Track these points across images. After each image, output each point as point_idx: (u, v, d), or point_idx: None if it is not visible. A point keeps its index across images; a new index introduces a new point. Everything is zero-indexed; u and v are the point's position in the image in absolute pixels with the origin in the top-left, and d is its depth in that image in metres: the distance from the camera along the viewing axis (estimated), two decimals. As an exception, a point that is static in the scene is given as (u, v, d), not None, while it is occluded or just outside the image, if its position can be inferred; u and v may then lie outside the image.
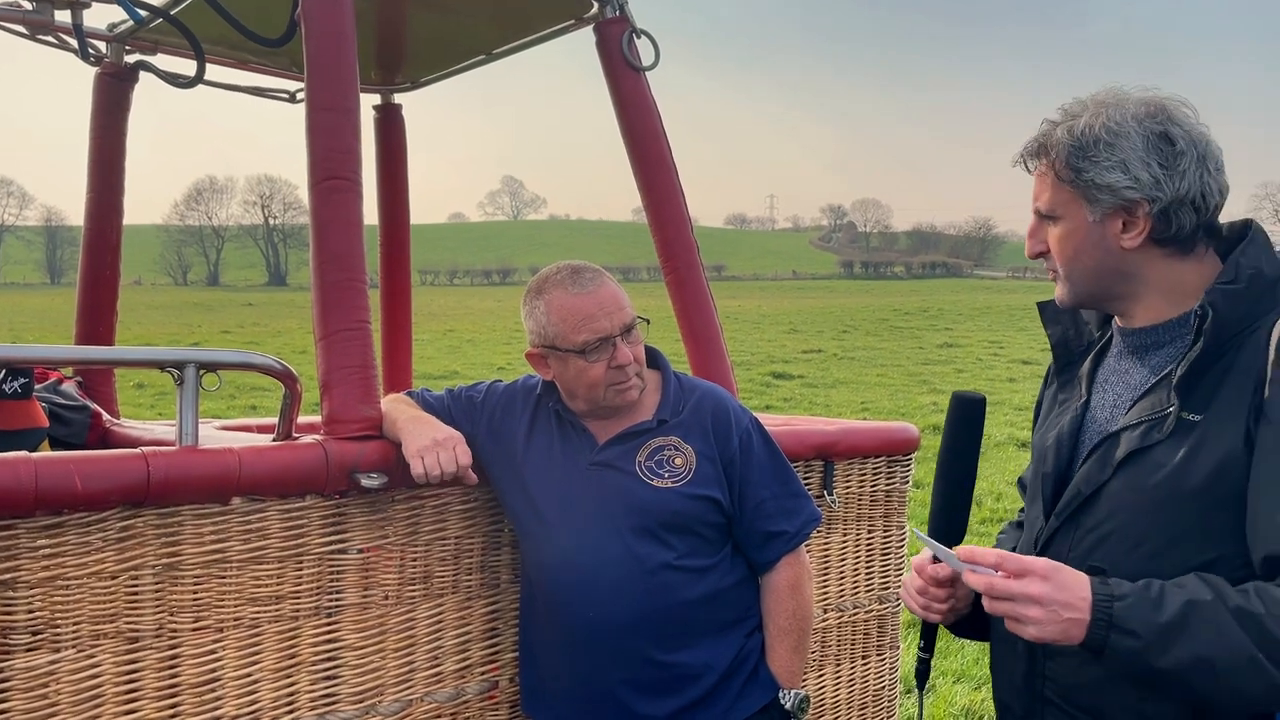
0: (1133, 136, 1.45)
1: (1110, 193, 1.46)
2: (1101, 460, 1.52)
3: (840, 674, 2.79)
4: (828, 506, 2.69)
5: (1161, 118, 1.47)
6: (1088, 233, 1.51)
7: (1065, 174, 1.49)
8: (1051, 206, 1.53)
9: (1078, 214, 1.51)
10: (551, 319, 1.99)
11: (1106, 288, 1.55)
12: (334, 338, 1.98)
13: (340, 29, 2.07)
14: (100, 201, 3.05)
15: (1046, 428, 1.69)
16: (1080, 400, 1.63)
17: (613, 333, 1.96)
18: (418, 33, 3.00)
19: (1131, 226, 1.48)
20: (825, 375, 17.72)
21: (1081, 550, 1.52)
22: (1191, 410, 1.43)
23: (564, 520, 2.01)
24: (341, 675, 1.97)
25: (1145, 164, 1.45)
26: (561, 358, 2.00)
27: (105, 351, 2.78)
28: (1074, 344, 1.71)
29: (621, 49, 2.68)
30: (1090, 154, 1.46)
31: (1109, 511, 1.50)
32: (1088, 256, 1.52)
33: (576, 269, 2.02)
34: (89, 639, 1.70)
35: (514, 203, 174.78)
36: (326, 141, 2.04)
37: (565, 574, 2.00)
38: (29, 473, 1.60)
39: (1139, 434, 1.47)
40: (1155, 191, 1.45)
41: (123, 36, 2.92)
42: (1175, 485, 1.42)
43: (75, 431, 2.78)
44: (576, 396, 2.04)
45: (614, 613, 1.95)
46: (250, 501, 1.84)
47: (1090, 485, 1.52)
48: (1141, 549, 1.45)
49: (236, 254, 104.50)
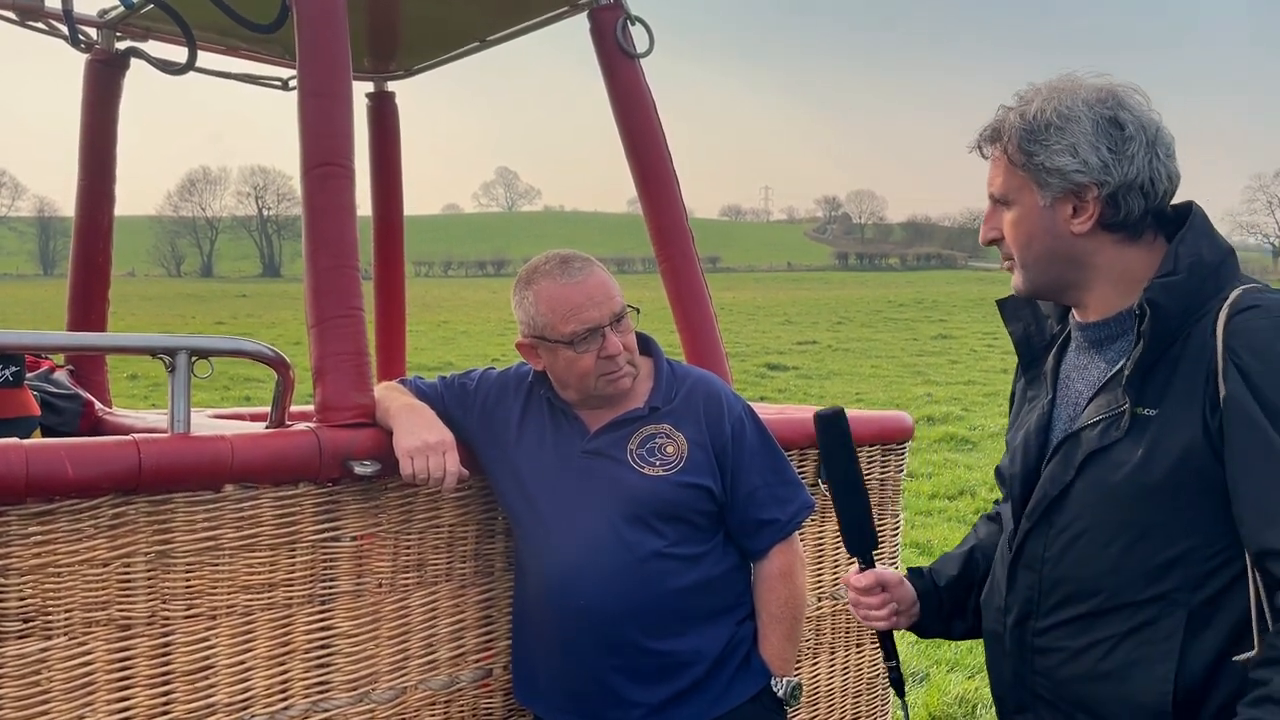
0: (1083, 121, 1.46)
1: (1060, 176, 1.47)
2: (1065, 460, 1.53)
3: (835, 662, 2.79)
4: (822, 494, 2.69)
5: (1112, 103, 1.47)
6: (1039, 217, 1.52)
7: (1017, 158, 1.50)
8: (1004, 191, 1.55)
9: (1029, 198, 1.52)
10: (540, 309, 1.97)
11: (1059, 275, 1.55)
12: (327, 324, 1.97)
13: (332, 13, 2.05)
14: (91, 189, 3.02)
15: (1017, 426, 1.70)
16: (1047, 398, 1.64)
17: (601, 323, 1.95)
18: (411, 19, 2.99)
19: (1081, 211, 1.49)
20: (820, 366, 17.74)
21: (1055, 550, 1.53)
22: (1146, 405, 1.43)
23: (555, 509, 2.00)
24: (335, 663, 1.96)
25: (1094, 148, 1.45)
26: (551, 348, 1.99)
27: (97, 338, 2.77)
28: (1035, 339, 1.71)
29: (616, 36, 2.67)
30: (1041, 138, 1.47)
31: (1077, 512, 1.50)
32: (1039, 242, 1.53)
33: (565, 258, 2.01)
34: (81, 626, 1.69)
35: (508, 194, 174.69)
36: (319, 127, 2.03)
37: (557, 562, 1.99)
38: (20, 459, 1.59)
39: (1097, 433, 1.48)
40: (1104, 175, 1.46)
41: (113, 22, 2.90)
42: (1138, 482, 1.42)
43: (67, 420, 2.77)
44: (568, 387, 2.03)
45: (605, 601, 1.95)
46: (243, 489, 1.83)
47: (1056, 486, 1.53)
48: (1112, 547, 1.46)
49: (230, 245, 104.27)
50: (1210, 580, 1.40)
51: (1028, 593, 1.57)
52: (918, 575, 1.84)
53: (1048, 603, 1.54)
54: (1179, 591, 1.41)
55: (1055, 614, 1.53)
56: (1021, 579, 1.58)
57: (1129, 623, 1.45)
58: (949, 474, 8.44)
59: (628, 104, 2.72)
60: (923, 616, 1.81)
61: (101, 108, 2.99)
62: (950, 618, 1.83)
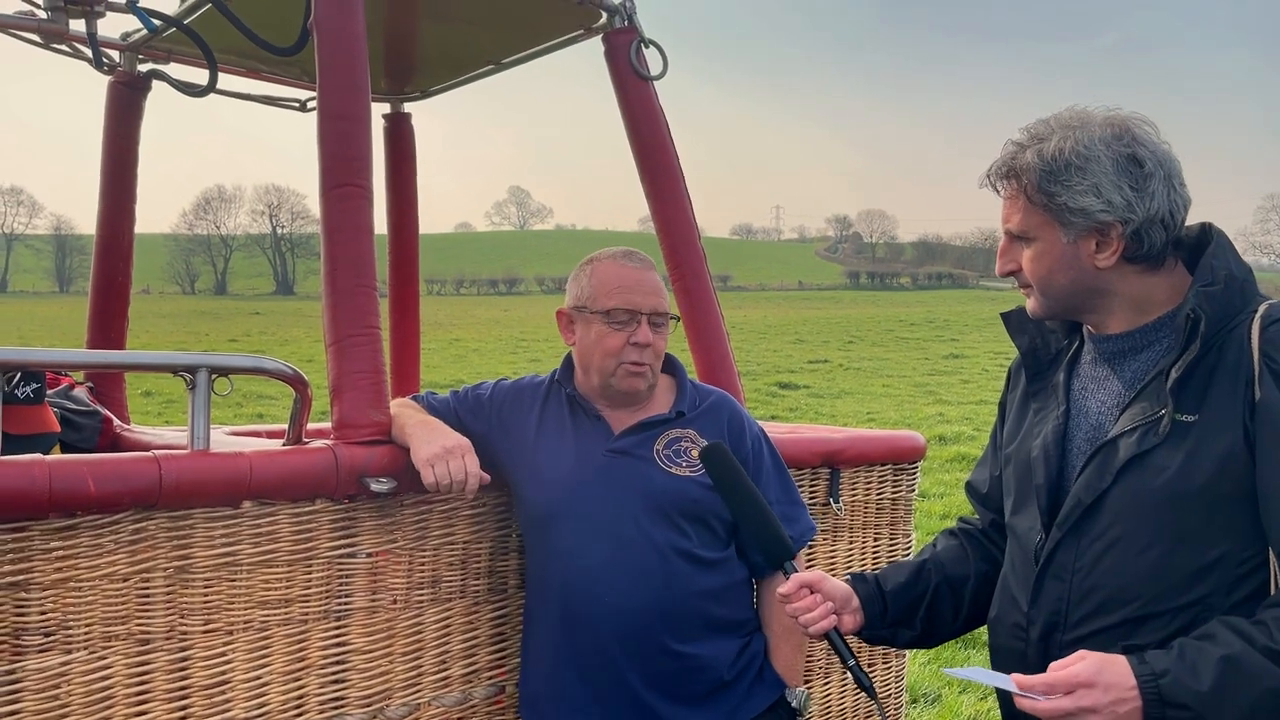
0: (1103, 160, 1.48)
1: (1084, 215, 1.49)
2: (1100, 468, 1.53)
3: (846, 680, 2.79)
4: (834, 514, 2.69)
5: (1128, 139, 1.49)
6: (1062, 253, 1.53)
7: (1037, 198, 1.51)
8: (1024, 229, 1.56)
9: (1051, 235, 1.53)
10: (592, 281, 2.06)
11: (1080, 303, 1.58)
12: (344, 343, 2.00)
13: (352, 37, 2.09)
14: (113, 208, 3.07)
15: (1027, 438, 1.70)
16: (1060, 408, 1.64)
17: (642, 309, 2.02)
18: (427, 42, 3.03)
19: (1105, 247, 1.51)
20: (831, 385, 17.71)
21: (1088, 559, 1.53)
22: (1185, 412, 1.45)
23: (579, 506, 2.02)
24: (349, 679, 1.98)
25: (1117, 187, 1.48)
26: (588, 320, 2.05)
27: (119, 356, 2.80)
28: (1042, 352, 1.73)
29: (630, 58, 2.70)
30: (1062, 178, 1.49)
31: (1113, 518, 1.51)
32: (1062, 275, 1.55)
33: (633, 251, 2.12)
34: (100, 641, 1.71)
35: (520, 213, 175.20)
36: (337, 149, 2.06)
37: (582, 560, 2.00)
38: (43, 475, 1.62)
39: (1135, 439, 1.49)
40: (1128, 214, 1.48)
41: (136, 45, 2.95)
42: (1178, 487, 1.44)
43: (86, 436, 2.80)
44: (590, 368, 2.07)
45: (630, 599, 1.96)
46: (261, 505, 1.85)
47: (1091, 493, 1.53)
48: (1150, 553, 1.47)
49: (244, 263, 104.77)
50: (1243, 584, 1.43)
51: (1056, 604, 1.56)
52: (861, 580, 1.82)
53: (1078, 613, 1.54)
54: (1214, 596, 1.43)
55: (1087, 624, 1.53)
56: (1049, 590, 1.58)
57: (1166, 629, 1.45)
58: (960, 494, 8.41)
59: (641, 125, 2.75)
60: (866, 621, 1.80)
61: (123, 128, 3.04)
62: (896, 624, 1.81)
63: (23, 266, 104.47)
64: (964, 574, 1.83)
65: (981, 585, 1.81)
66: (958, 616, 1.83)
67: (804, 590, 1.73)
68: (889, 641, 1.85)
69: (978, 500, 1.88)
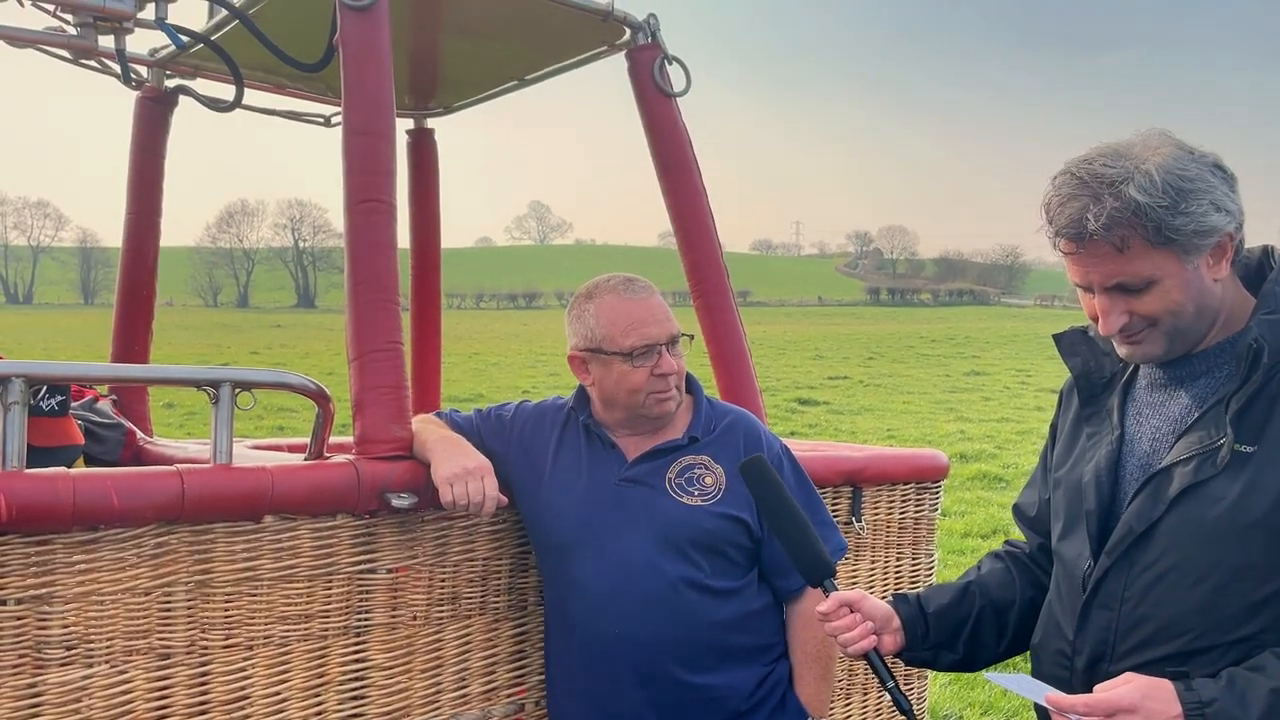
0: (1204, 175, 1.44)
1: (1214, 234, 1.44)
2: (1154, 496, 1.49)
3: (867, 703, 2.76)
4: (856, 533, 2.67)
5: (1197, 152, 1.47)
6: (1189, 282, 1.46)
7: (1158, 238, 1.42)
8: (1146, 276, 1.45)
9: (1173, 268, 1.45)
10: (601, 321, 2.01)
11: (1203, 328, 1.51)
12: (367, 358, 2.00)
13: (377, 54, 2.10)
14: (139, 222, 3.10)
15: (1079, 462, 1.65)
16: (1114, 434, 1.60)
17: (660, 340, 1.99)
18: (451, 59, 3.04)
19: (1220, 257, 1.47)
20: (851, 402, 17.64)
21: (1138, 589, 1.49)
22: (1244, 442, 1.41)
23: (591, 535, 2.00)
24: (369, 695, 1.97)
25: (1229, 196, 1.45)
26: (605, 361, 2.01)
27: (143, 370, 2.82)
28: (1095, 375, 1.67)
29: (653, 75, 2.70)
30: (1182, 207, 1.41)
31: (1165, 548, 1.47)
32: (1191, 304, 1.48)
33: (630, 278, 2.07)
34: (121, 655, 1.71)
35: (540, 227, 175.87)
36: (362, 164, 2.07)
37: (591, 589, 1.99)
38: (67, 488, 1.62)
39: (1192, 468, 1.45)
40: (1241, 218, 1.47)
41: (164, 61, 2.98)
42: (1236, 518, 1.40)
43: (109, 449, 2.81)
44: (616, 404, 2.04)
45: (640, 629, 1.95)
46: (282, 520, 1.85)
47: (1143, 522, 1.49)
48: (1203, 586, 1.43)
49: (266, 276, 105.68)
50: None
51: (1102, 634, 1.53)
52: (903, 601, 1.78)
53: (1126, 644, 1.50)
54: (1268, 633, 1.39)
55: (1134, 656, 1.48)
56: (1096, 619, 1.54)
57: (1215, 665, 1.40)
58: (982, 512, 8.33)
59: (664, 142, 2.75)
60: (908, 642, 1.76)
61: (150, 143, 3.06)
62: (938, 647, 1.77)
63: (49, 278, 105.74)
64: (1009, 598, 1.78)
65: (1027, 610, 1.76)
66: (1001, 641, 1.79)
67: (844, 609, 1.69)
68: (929, 664, 1.81)
69: (1025, 523, 1.83)
